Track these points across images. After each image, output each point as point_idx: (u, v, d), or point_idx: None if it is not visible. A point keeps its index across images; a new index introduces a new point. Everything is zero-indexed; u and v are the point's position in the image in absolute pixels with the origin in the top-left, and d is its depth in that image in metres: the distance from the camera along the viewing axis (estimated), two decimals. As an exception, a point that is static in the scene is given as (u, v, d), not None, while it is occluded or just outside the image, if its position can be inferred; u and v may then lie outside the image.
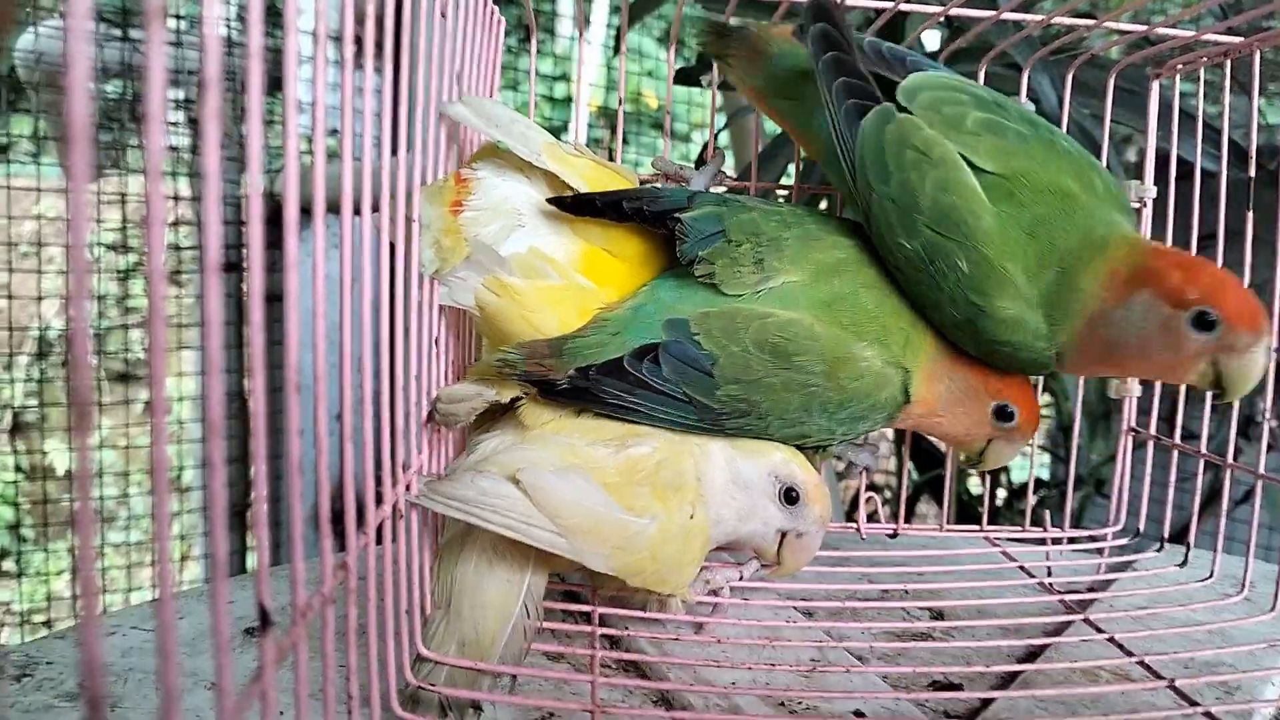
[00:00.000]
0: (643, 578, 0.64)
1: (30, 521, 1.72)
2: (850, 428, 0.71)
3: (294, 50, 0.37)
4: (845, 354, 0.68)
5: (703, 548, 0.68)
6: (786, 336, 0.67)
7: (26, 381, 1.74)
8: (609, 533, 0.62)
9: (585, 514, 0.62)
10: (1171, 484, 0.87)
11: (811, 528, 0.69)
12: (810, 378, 0.67)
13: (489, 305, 0.68)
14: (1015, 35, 0.84)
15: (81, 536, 0.25)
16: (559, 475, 0.62)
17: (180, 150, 1.63)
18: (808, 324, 0.68)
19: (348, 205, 0.45)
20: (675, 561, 0.65)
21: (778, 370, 0.67)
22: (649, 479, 0.65)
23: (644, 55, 2.76)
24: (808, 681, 0.67)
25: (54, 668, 0.65)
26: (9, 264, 1.54)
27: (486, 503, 0.60)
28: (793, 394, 0.68)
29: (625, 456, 0.65)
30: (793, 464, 0.69)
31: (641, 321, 0.68)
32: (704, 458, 0.68)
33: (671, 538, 0.64)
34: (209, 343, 0.32)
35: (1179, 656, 0.71)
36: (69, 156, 0.24)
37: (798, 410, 0.68)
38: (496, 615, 0.62)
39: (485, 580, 0.63)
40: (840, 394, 0.69)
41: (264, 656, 0.36)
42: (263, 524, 0.36)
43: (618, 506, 0.63)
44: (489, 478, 0.62)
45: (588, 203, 0.67)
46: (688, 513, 0.65)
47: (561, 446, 0.65)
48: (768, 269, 0.68)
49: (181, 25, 1.57)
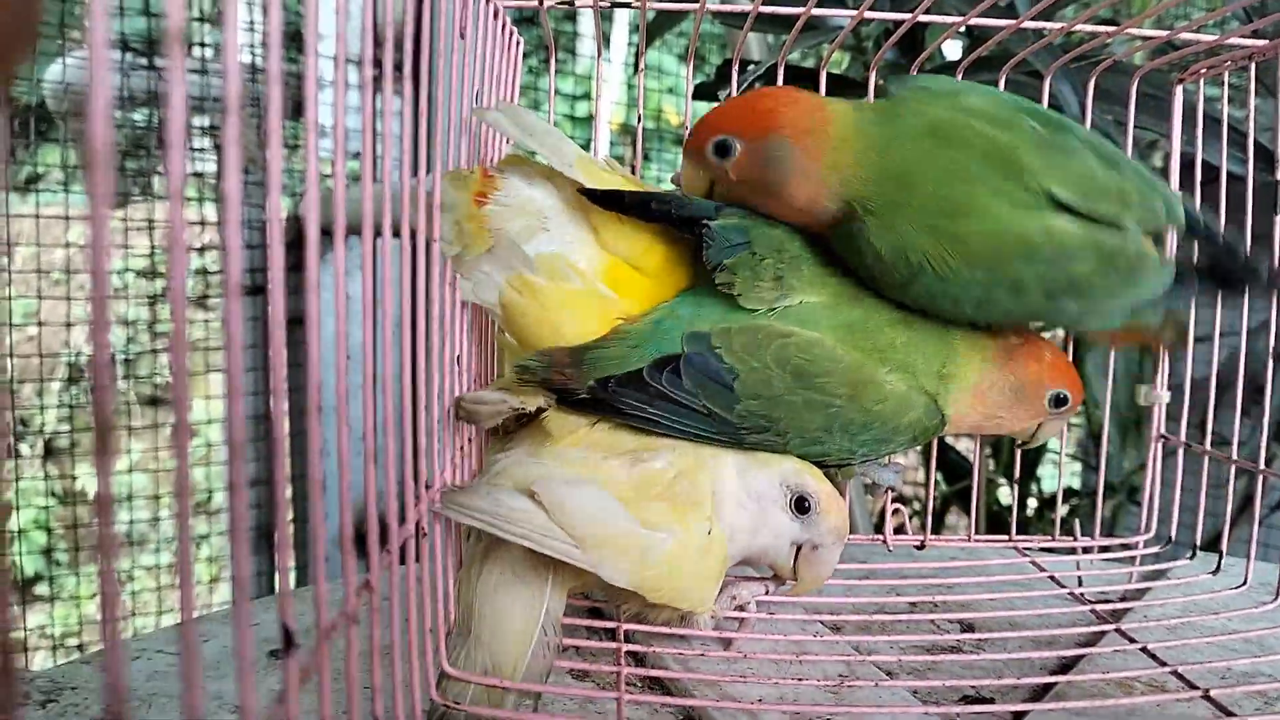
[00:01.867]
0: (661, 594, 0.64)
1: (63, 546, 1.74)
2: (873, 449, 0.72)
3: (314, 74, 0.37)
4: (868, 378, 0.68)
5: (721, 563, 0.67)
6: (808, 358, 0.67)
7: (59, 407, 1.76)
8: (625, 545, 0.62)
9: (601, 526, 0.61)
10: (1204, 491, 0.86)
11: (827, 539, 0.68)
12: (832, 399, 0.68)
13: (512, 304, 0.68)
14: (1036, 43, 0.83)
15: (103, 560, 0.25)
16: (573, 487, 0.62)
17: (206, 176, 1.65)
18: (830, 346, 0.68)
19: (368, 226, 0.46)
20: (694, 577, 0.65)
21: (799, 389, 0.67)
22: (665, 493, 0.65)
23: (664, 72, 2.76)
24: (835, 697, 0.66)
25: (79, 693, 0.65)
26: (39, 291, 1.56)
27: (502, 514, 0.60)
28: (814, 413, 0.68)
29: (640, 471, 0.65)
30: (804, 473, 0.68)
31: (662, 336, 0.68)
32: (717, 469, 0.68)
33: (689, 553, 0.64)
34: (231, 365, 0.33)
35: (1214, 666, 0.70)
36: (90, 182, 0.25)
37: (818, 429, 0.68)
38: (517, 636, 0.62)
39: (504, 602, 0.63)
40: (864, 416, 0.69)
41: (288, 678, 0.36)
42: (285, 545, 0.36)
43: (634, 520, 0.63)
44: (505, 491, 0.62)
45: (616, 198, 0.68)
46: (705, 528, 0.65)
47: (577, 461, 0.65)
48: (786, 286, 0.69)
49: (207, 54, 1.59)
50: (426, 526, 0.58)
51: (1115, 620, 0.76)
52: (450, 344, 0.65)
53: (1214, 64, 0.83)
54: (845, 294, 0.71)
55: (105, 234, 0.25)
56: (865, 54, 1.64)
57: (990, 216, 0.66)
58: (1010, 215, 0.66)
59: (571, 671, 0.69)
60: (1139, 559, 0.89)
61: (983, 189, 0.66)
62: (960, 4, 1.21)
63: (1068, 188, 0.67)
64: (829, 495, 0.68)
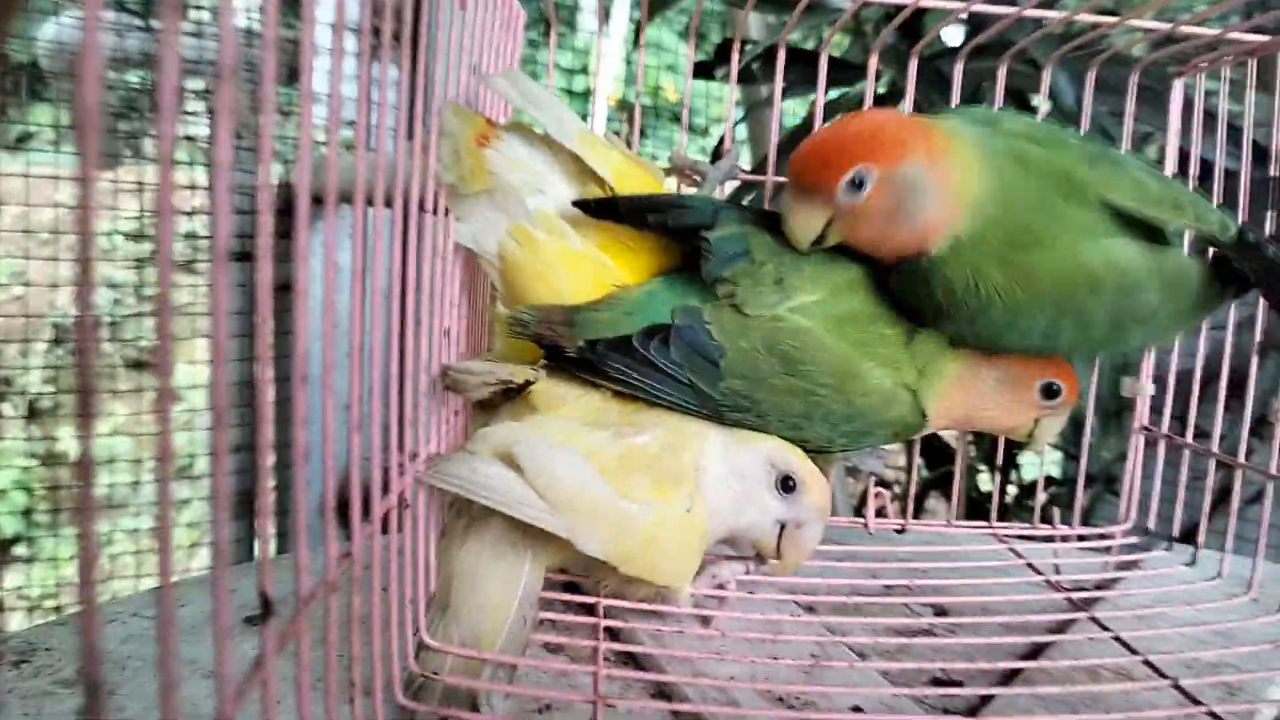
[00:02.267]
0: (636, 567, 0.64)
1: (43, 508, 1.74)
2: (852, 440, 0.72)
3: (311, 41, 0.37)
4: (854, 371, 0.69)
5: (701, 541, 0.67)
6: (796, 344, 0.67)
7: (43, 369, 1.75)
8: (602, 513, 0.62)
9: (577, 492, 0.62)
10: (1183, 483, 0.87)
11: (810, 516, 0.68)
12: (816, 387, 0.68)
13: (510, 256, 0.69)
14: (1037, 32, 0.83)
15: (83, 523, 0.26)
16: (552, 449, 0.62)
17: (198, 140, 1.64)
18: (819, 335, 0.68)
19: (360, 195, 0.46)
20: (671, 552, 0.65)
21: (784, 375, 0.67)
22: (647, 467, 0.65)
23: (664, 49, 2.76)
24: (807, 677, 0.67)
25: (53, 654, 0.66)
26: (26, 251, 1.55)
27: (478, 480, 0.60)
28: (796, 399, 0.68)
29: (624, 444, 0.66)
30: (790, 453, 0.69)
31: (655, 306, 0.68)
32: (702, 447, 0.68)
33: (667, 527, 0.64)
34: (217, 331, 0.33)
35: (1183, 656, 0.71)
36: (80, 141, 0.25)
37: (799, 415, 0.69)
38: (495, 609, 0.63)
39: (483, 575, 0.63)
40: (846, 407, 0.69)
41: (265, 644, 0.36)
42: (266, 512, 0.37)
43: (612, 490, 0.63)
44: (482, 458, 0.62)
45: (610, 207, 0.68)
46: (685, 505, 0.65)
47: (559, 428, 0.66)
48: (788, 288, 0.69)
49: (204, 16, 1.58)
50: (410, 497, 0.58)
51: (1089, 608, 0.77)
52: (440, 316, 0.65)
53: (1214, 58, 0.83)
54: (842, 287, 0.70)
55: (92, 204, 0.25)
56: (865, 37, 1.64)
57: (1059, 246, 0.65)
58: (1077, 245, 0.65)
59: (547, 645, 0.70)
60: (1116, 549, 0.90)
61: (1051, 216, 0.65)
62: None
63: (1123, 195, 0.66)
64: (813, 475, 0.69)
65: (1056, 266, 0.65)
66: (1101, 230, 0.66)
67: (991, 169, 0.65)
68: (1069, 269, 0.65)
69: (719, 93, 2.58)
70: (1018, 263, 0.65)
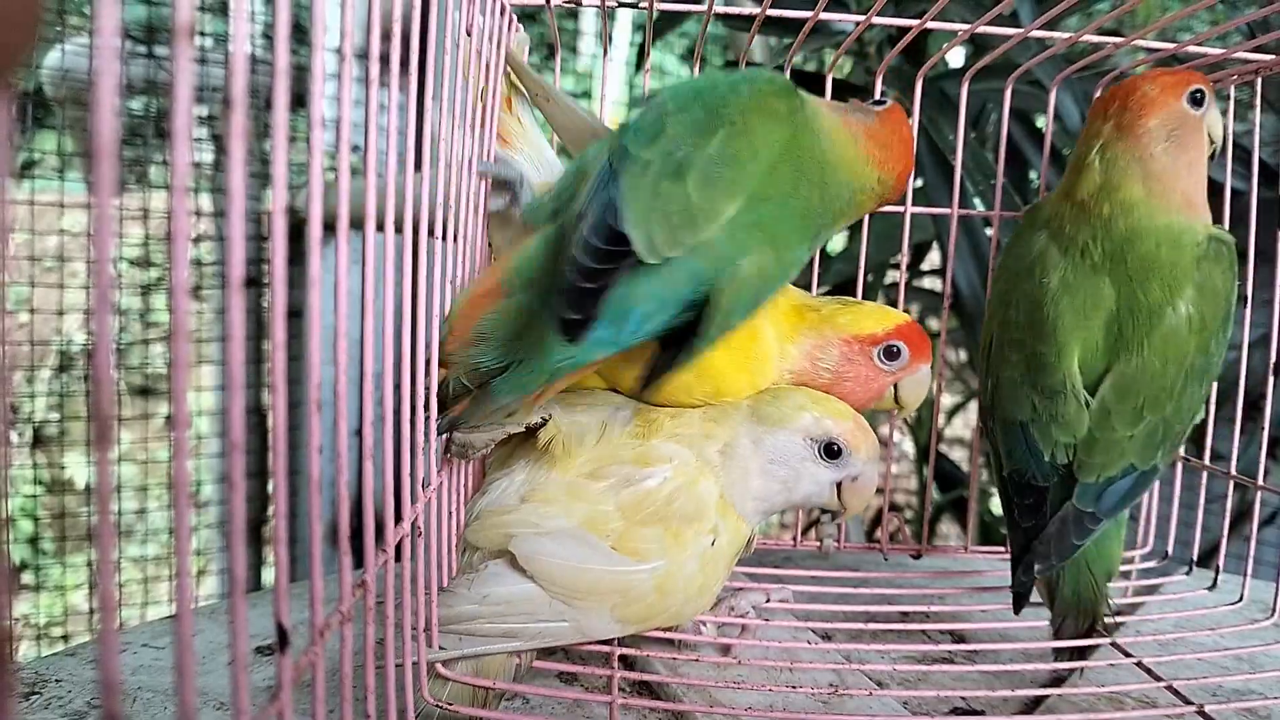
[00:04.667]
0: (654, 622, 0.65)
1: (49, 535, 1.73)
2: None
3: (321, 67, 0.37)
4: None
5: (727, 568, 0.67)
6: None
7: (48, 396, 1.75)
8: (609, 589, 0.62)
9: (581, 574, 0.62)
10: (1201, 506, 0.86)
11: (865, 468, 0.69)
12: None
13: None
14: (1041, 54, 0.83)
15: (101, 552, 0.25)
16: (553, 540, 0.62)
17: (203, 166, 1.64)
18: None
19: (370, 221, 0.45)
20: (691, 595, 0.65)
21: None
22: (659, 514, 0.64)
23: (666, 72, 2.76)
24: (826, 706, 0.66)
25: (62, 685, 0.65)
26: (32, 279, 1.55)
27: (487, 613, 0.61)
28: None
29: (633, 492, 0.64)
30: (824, 419, 0.68)
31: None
32: (728, 459, 0.67)
33: (685, 572, 0.64)
34: (230, 359, 0.32)
35: (1207, 682, 0.70)
36: (94, 171, 0.24)
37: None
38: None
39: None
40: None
41: (281, 675, 0.35)
42: (281, 542, 0.36)
43: (617, 558, 0.63)
44: (482, 579, 0.62)
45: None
46: (708, 540, 0.65)
47: (565, 491, 0.65)
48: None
49: (206, 43, 1.58)
50: (422, 525, 0.57)
51: (1109, 634, 0.76)
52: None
53: (1218, 78, 0.82)
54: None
55: (107, 232, 0.24)
56: (868, 59, 1.65)
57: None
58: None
59: (562, 675, 0.69)
60: (1135, 573, 0.89)
61: None
62: (965, 11, 1.21)
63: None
64: (854, 429, 0.68)
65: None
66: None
67: None
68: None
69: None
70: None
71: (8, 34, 0.21)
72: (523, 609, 0.61)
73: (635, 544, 0.63)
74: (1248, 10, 1.38)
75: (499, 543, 0.63)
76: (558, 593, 0.61)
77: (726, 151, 0.60)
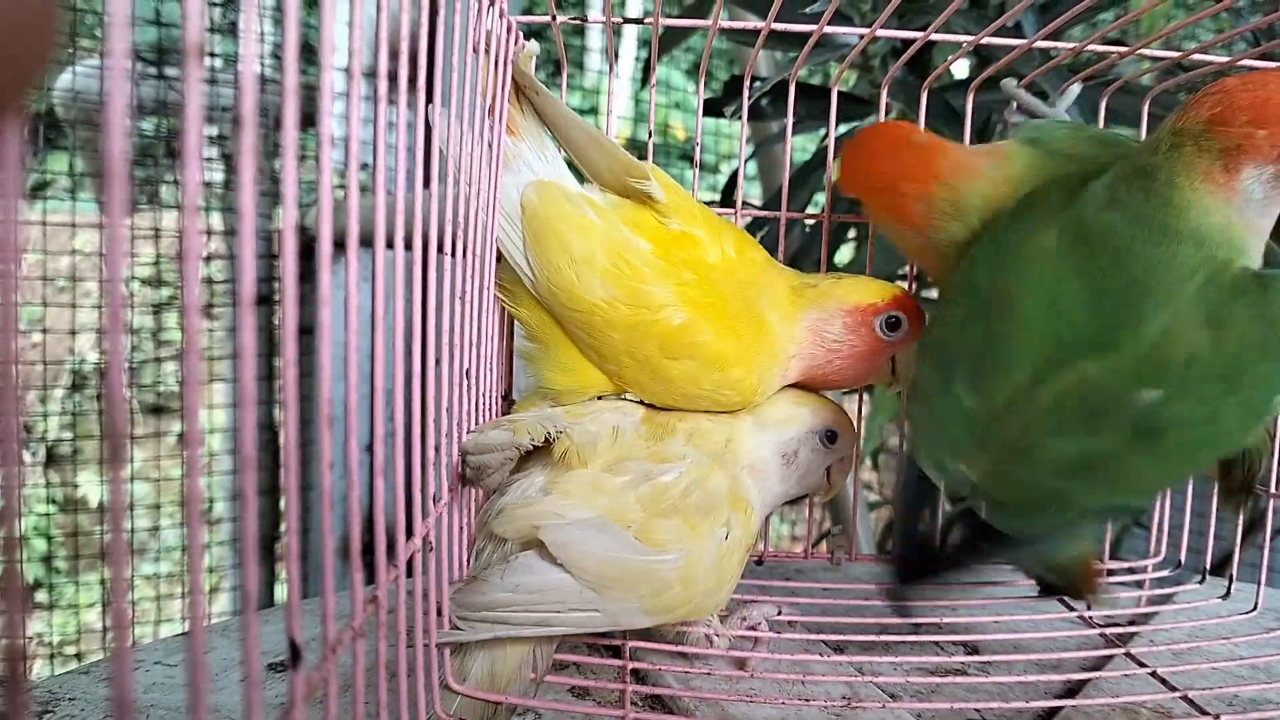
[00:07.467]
0: (679, 613, 0.65)
1: (63, 554, 1.74)
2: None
3: (329, 86, 0.37)
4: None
5: (741, 561, 0.69)
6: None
7: (61, 415, 1.76)
8: (637, 579, 0.63)
9: (610, 563, 0.62)
10: (1213, 514, 0.86)
11: (850, 450, 0.77)
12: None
13: (530, 206, 0.71)
14: (1045, 64, 0.83)
15: (114, 570, 0.25)
16: (580, 529, 0.63)
17: (213, 185, 1.65)
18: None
19: (380, 238, 0.45)
20: (711, 586, 0.66)
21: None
22: (676, 507, 0.65)
23: (672, 87, 2.78)
24: (839, 719, 0.65)
25: (76, 704, 0.65)
26: (45, 298, 1.56)
27: (519, 601, 0.61)
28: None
29: (650, 487, 0.66)
30: (821, 410, 0.75)
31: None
32: (749, 454, 0.72)
33: (704, 563, 0.65)
34: (243, 376, 0.32)
35: (1223, 692, 0.69)
36: (106, 191, 0.25)
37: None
38: (510, 656, 0.63)
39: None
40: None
41: (294, 692, 0.35)
42: (293, 558, 0.36)
43: (642, 548, 0.63)
44: (514, 569, 0.62)
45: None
46: (722, 534, 0.66)
47: (586, 484, 0.65)
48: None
49: (216, 63, 1.59)
50: (434, 540, 0.58)
51: (1123, 644, 0.76)
52: (459, 357, 0.64)
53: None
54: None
55: (119, 251, 0.25)
56: (872, 71, 1.65)
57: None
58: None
59: (573, 689, 0.69)
60: (1148, 582, 0.89)
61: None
62: (968, 23, 1.21)
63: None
64: (841, 415, 0.76)
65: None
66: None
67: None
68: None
69: (727, 130, 2.59)
70: None
71: (20, 57, 0.21)
72: (555, 597, 0.61)
73: (656, 535, 0.64)
74: (1253, 18, 1.38)
75: (526, 533, 0.63)
76: (589, 581, 0.61)
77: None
